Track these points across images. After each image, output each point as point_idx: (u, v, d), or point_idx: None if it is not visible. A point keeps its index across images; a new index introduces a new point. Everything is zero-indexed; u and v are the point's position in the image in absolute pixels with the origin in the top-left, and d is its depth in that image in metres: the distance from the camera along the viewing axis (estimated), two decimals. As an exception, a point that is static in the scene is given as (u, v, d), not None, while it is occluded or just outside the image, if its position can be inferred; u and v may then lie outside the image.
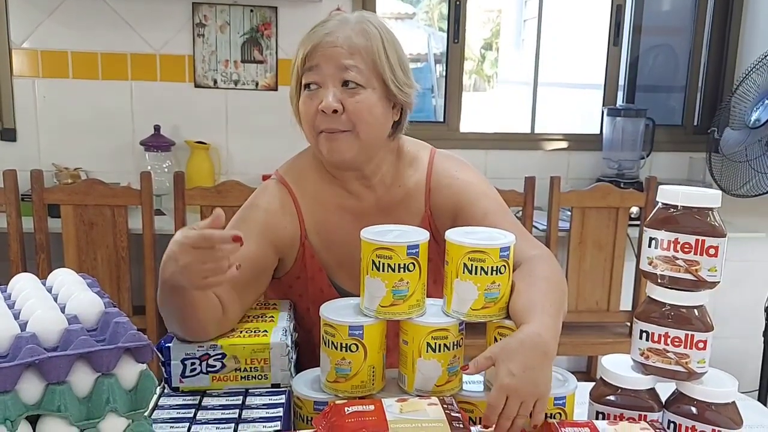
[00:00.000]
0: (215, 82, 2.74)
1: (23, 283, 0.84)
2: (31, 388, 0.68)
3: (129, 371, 0.73)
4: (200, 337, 0.99)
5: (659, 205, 0.94)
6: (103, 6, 2.62)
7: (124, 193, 2.18)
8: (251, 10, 2.70)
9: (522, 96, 3.95)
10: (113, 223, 2.18)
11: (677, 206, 0.91)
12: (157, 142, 2.61)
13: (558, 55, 4.15)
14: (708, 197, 0.90)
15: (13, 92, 2.64)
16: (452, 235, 0.96)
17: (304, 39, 1.09)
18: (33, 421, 0.69)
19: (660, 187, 0.94)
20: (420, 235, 0.95)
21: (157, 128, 2.62)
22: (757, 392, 2.38)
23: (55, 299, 0.81)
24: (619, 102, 3.07)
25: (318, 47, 1.05)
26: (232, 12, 2.70)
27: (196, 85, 2.73)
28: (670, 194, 0.92)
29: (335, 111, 1.05)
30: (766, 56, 2.36)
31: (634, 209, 2.49)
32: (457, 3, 2.87)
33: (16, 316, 0.76)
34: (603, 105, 3.02)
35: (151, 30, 2.67)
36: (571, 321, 2.43)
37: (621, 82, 3.07)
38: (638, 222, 2.49)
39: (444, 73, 3.01)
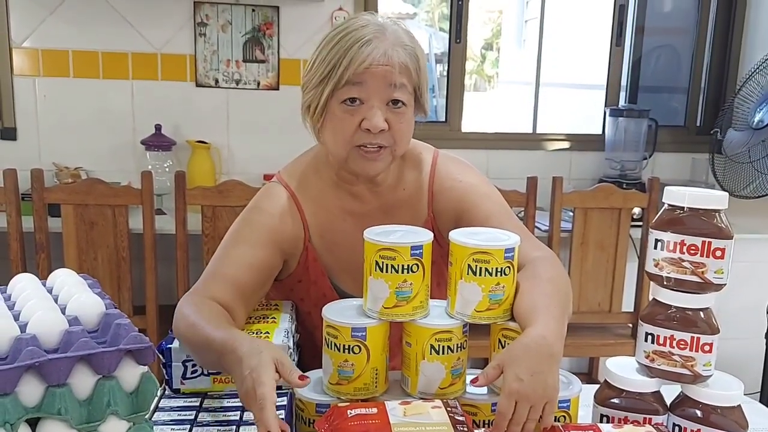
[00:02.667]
0: (217, 81, 2.73)
1: (23, 284, 0.83)
2: (31, 391, 0.67)
3: (130, 373, 0.72)
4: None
5: (665, 206, 0.93)
6: (104, 5, 2.62)
7: (124, 193, 2.18)
8: (253, 10, 2.70)
9: (523, 96, 3.95)
10: (114, 222, 2.17)
11: (683, 207, 0.90)
12: (158, 142, 2.60)
13: (560, 55, 4.14)
14: (715, 199, 0.89)
15: (14, 91, 2.63)
16: (456, 235, 0.95)
17: (343, 49, 1.02)
18: (33, 423, 0.68)
19: (666, 188, 0.93)
20: (424, 236, 0.94)
21: (158, 127, 2.62)
22: (759, 394, 2.38)
23: (56, 300, 0.80)
24: (622, 102, 3.06)
25: (370, 65, 1.01)
26: (234, 11, 2.69)
27: (198, 85, 2.72)
28: (676, 195, 0.91)
29: (382, 130, 1.04)
30: (769, 57, 2.35)
31: (637, 210, 2.48)
32: (459, 3, 2.87)
33: (16, 318, 0.75)
34: (605, 105, 3.02)
35: (153, 29, 2.66)
36: (573, 322, 2.39)
37: (623, 82, 3.06)
38: (640, 223, 2.49)
39: (445, 73, 3.00)
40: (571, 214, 2.41)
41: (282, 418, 0.89)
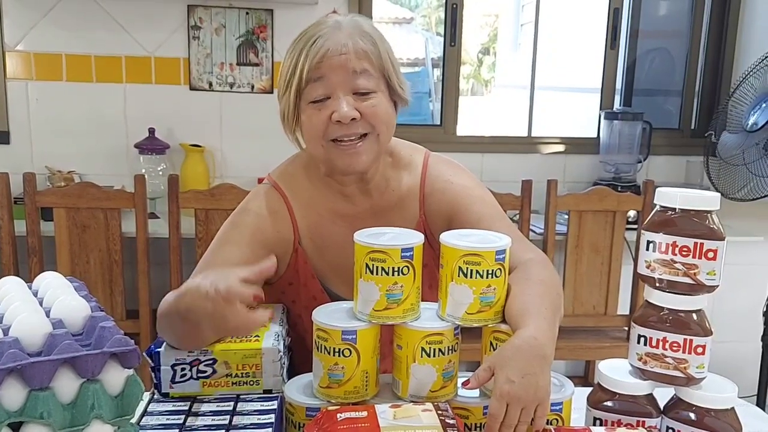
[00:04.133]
0: (210, 84, 2.72)
1: (8, 287, 0.82)
2: (13, 395, 0.66)
3: (115, 377, 0.71)
4: (197, 348, 0.98)
5: (657, 207, 0.92)
6: (97, 8, 2.61)
7: (117, 196, 2.17)
8: (247, 13, 2.69)
9: (519, 100, 3.95)
10: (106, 226, 2.16)
11: (675, 209, 0.90)
12: (151, 145, 2.59)
13: (555, 59, 4.15)
14: (706, 200, 0.89)
15: (6, 95, 2.62)
16: (447, 237, 0.94)
17: (298, 50, 1.03)
18: (15, 428, 0.67)
19: (658, 189, 0.93)
20: (414, 238, 0.93)
21: (151, 131, 2.61)
22: (756, 397, 2.37)
23: (41, 303, 0.79)
24: (616, 106, 3.07)
25: (323, 57, 1.01)
26: (228, 14, 2.68)
27: (191, 88, 2.71)
28: (668, 197, 0.91)
29: (353, 119, 1.02)
30: (763, 59, 2.35)
31: (632, 213, 2.48)
32: (454, 6, 2.87)
33: (0, 321, 0.74)
34: (600, 108, 3.02)
35: (146, 32, 2.66)
36: (569, 325, 2.41)
37: (618, 85, 3.07)
38: (635, 225, 2.48)
39: (441, 79, 3.00)
40: (566, 217, 2.41)
41: (271, 423, 0.88)
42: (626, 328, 2.50)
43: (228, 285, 0.84)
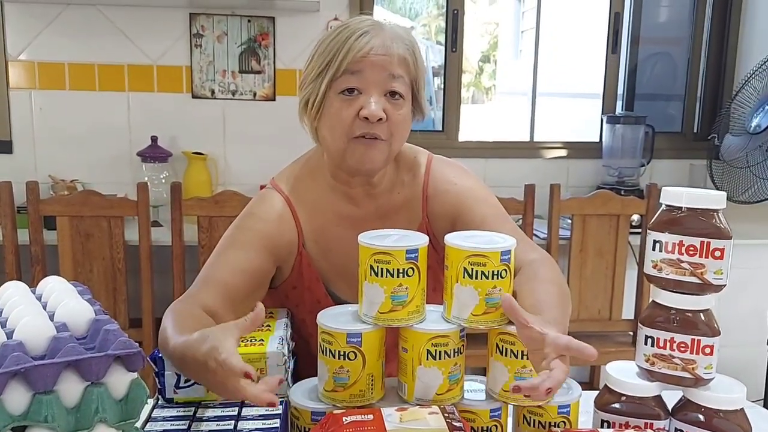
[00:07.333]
0: (213, 92, 2.73)
1: (12, 291, 0.82)
2: (17, 398, 0.66)
3: (119, 380, 0.71)
4: None
5: (663, 207, 0.92)
6: (101, 17, 2.62)
7: (120, 204, 2.17)
8: (249, 21, 2.70)
9: (521, 107, 3.95)
10: (109, 234, 2.16)
11: (681, 208, 0.89)
12: (154, 153, 2.60)
13: (556, 64, 4.15)
14: (712, 198, 0.88)
15: (10, 104, 2.63)
16: (452, 239, 0.94)
17: (341, 39, 1.03)
18: (20, 431, 0.67)
19: (664, 188, 0.92)
20: (419, 240, 0.93)
21: (154, 139, 2.61)
22: (763, 401, 2.35)
23: (45, 307, 0.79)
24: (618, 110, 3.06)
25: (368, 53, 1.02)
26: (230, 22, 2.69)
27: (194, 96, 2.72)
28: (674, 196, 0.90)
29: (380, 119, 1.03)
30: (765, 62, 2.35)
31: (635, 216, 2.47)
32: (455, 12, 2.88)
33: (3, 324, 0.74)
34: (602, 113, 3.02)
35: (149, 41, 2.67)
36: (574, 330, 2.37)
37: (620, 90, 3.07)
38: (639, 229, 2.48)
39: (442, 86, 3.01)
40: (570, 221, 2.40)
41: (276, 428, 0.88)
42: (631, 333, 2.49)
43: (224, 358, 0.78)
